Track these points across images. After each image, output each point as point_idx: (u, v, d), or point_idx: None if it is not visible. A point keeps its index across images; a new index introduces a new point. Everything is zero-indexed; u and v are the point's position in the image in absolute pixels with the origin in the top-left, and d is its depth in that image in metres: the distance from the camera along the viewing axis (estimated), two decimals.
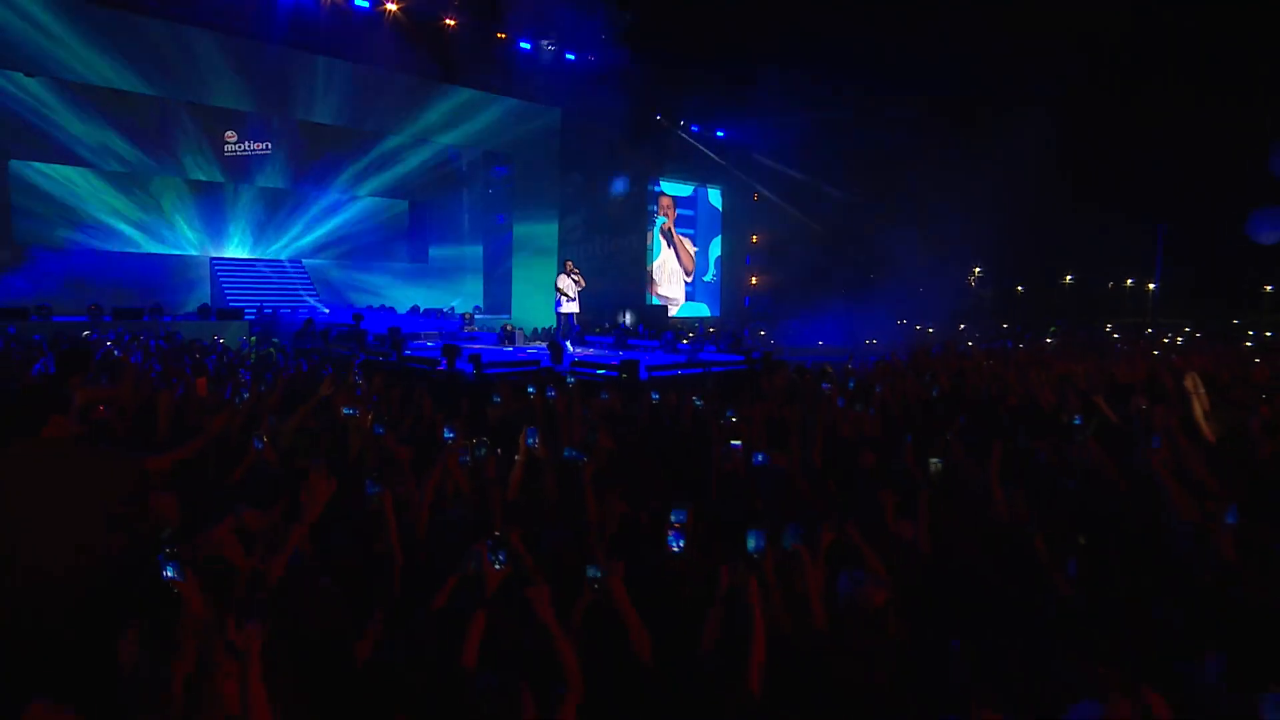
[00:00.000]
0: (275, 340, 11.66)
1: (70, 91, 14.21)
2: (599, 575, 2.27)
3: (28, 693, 1.59)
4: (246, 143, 16.77)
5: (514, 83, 18.03)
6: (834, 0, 19.57)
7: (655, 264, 21.97)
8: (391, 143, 18.09)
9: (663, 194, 22.05)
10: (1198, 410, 5.39)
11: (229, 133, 16.55)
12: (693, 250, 22.79)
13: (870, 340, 14.88)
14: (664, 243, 22.16)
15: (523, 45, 17.98)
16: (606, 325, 15.80)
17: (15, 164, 14.38)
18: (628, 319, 15.09)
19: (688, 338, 14.61)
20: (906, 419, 5.64)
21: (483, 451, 3.59)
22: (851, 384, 6.50)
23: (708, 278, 23.45)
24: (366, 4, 15.16)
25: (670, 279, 22.53)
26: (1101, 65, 21.66)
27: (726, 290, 23.80)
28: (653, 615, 2.36)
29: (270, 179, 17.54)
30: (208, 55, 14.39)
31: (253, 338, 12.99)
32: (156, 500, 2.74)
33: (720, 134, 22.82)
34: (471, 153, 19.65)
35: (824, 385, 6.29)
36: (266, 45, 14.82)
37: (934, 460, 3.45)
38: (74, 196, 15.37)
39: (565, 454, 3.57)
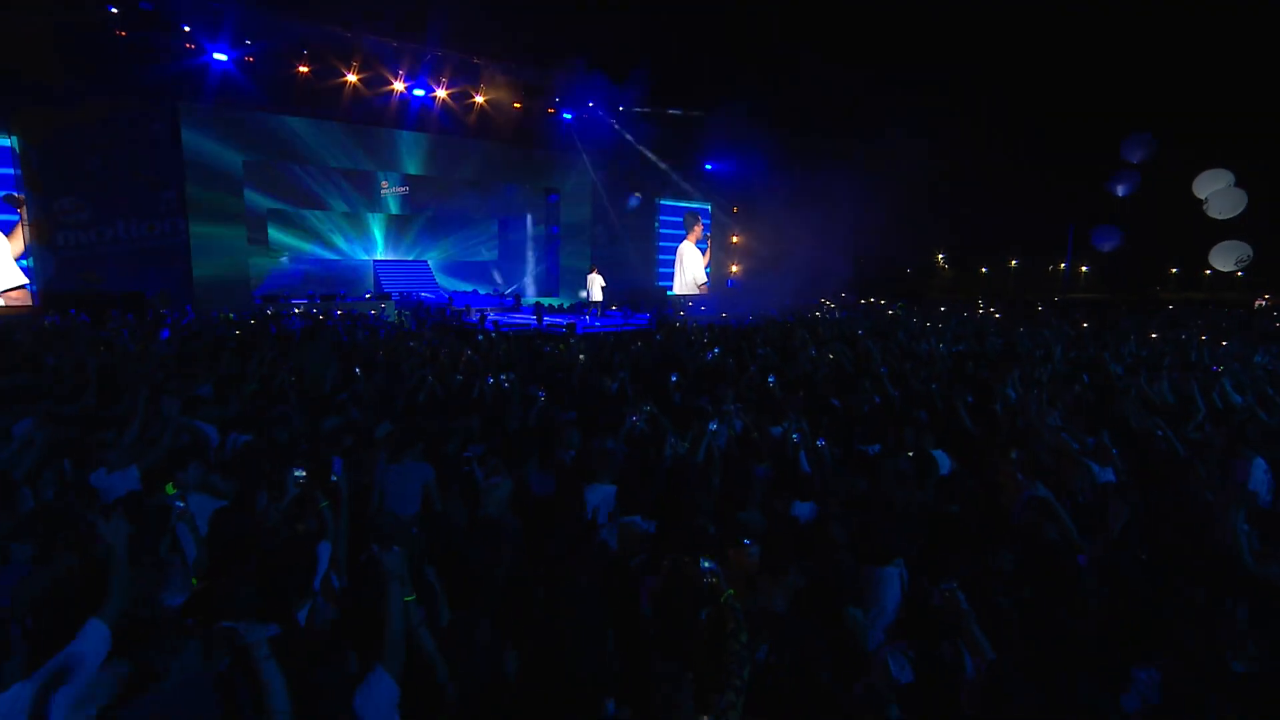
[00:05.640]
0: (406, 311, 16.35)
1: (293, 170, 18.96)
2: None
3: None
4: (393, 187, 20.81)
5: (561, 139, 21.86)
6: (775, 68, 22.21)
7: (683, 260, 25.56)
8: (484, 183, 21.88)
9: (698, 217, 25.69)
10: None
11: (384, 181, 20.64)
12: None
13: (765, 310, 16.89)
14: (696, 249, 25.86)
15: (565, 115, 21.94)
16: (615, 304, 19.52)
17: (271, 219, 18.89)
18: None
19: (655, 309, 17.64)
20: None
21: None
22: (658, 336, 10.37)
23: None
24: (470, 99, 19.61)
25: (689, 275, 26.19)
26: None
27: (715, 276, 27.19)
28: None
29: (407, 209, 21.22)
30: (372, 140, 19.24)
31: (396, 309, 17.67)
32: None
33: (709, 166, 26.07)
34: (534, 187, 23.03)
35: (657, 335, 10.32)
36: (401, 130, 19.55)
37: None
38: (300, 229, 19.77)
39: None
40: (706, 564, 2.18)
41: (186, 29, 15.37)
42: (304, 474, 2.94)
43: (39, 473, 3.49)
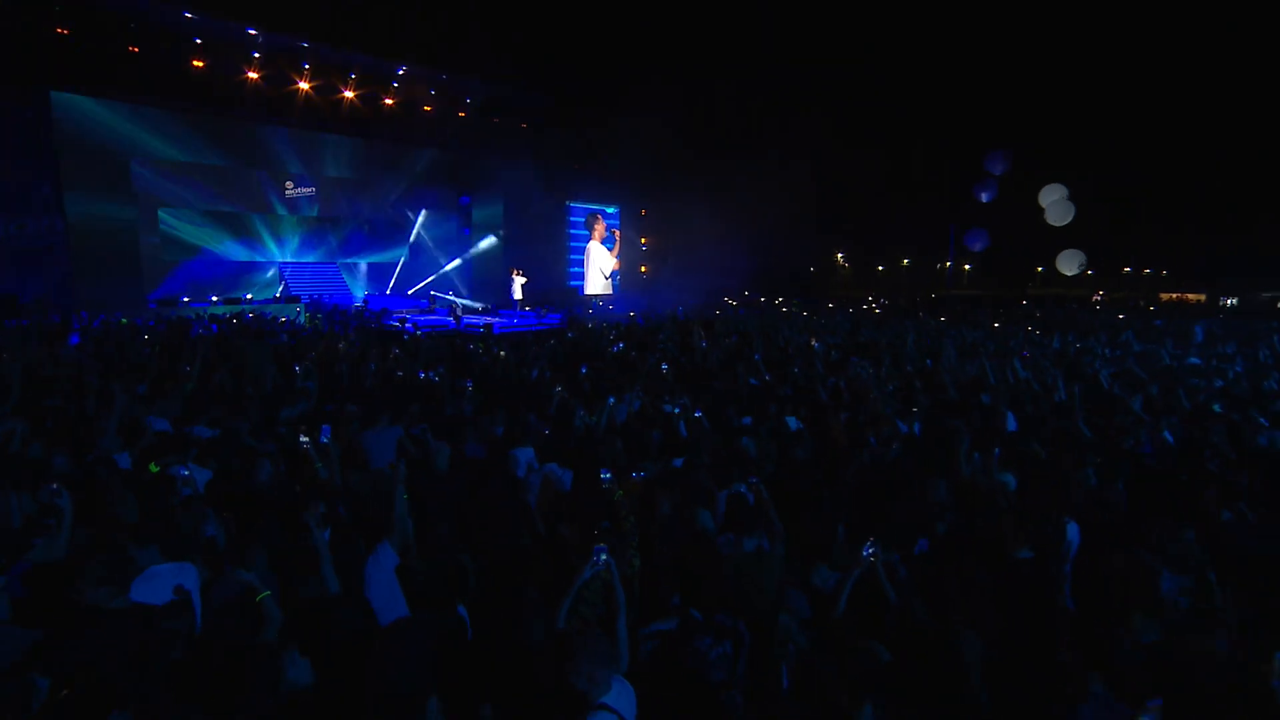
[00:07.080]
0: (319, 314, 16.61)
1: (192, 168, 18.46)
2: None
3: None
4: (299, 189, 20.64)
5: (472, 142, 22.50)
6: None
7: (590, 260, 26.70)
8: (393, 185, 22.29)
9: (599, 216, 26.84)
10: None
11: (288, 182, 20.41)
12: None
13: (676, 308, 18.68)
14: (602, 247, 27.01)
15: (477, 118, 22.54)
16: (530, 304, 20.43)
17: (161, 211, 18.20)
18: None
19: (566, 309, 19.02)
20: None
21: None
22: (571, 334, 11.58)
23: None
24: (380, 101, 19.88)
25: (596, 272, 27.27)
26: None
27: (625, 276, 28.57)
28: None
29: (316, 210, 21.10)
30: (279, 139, 19.13)
31: (306, 312, 17.71)
32: None
33: (617, 170, 27.28)
34: (446, 189, 23.62)
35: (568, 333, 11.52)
36: (309, 132, 19.55)
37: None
38: (200, 229, 19.02)
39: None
40: (605, 475, 3.44)
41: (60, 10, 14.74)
42: (308, 440, 3.93)
43: (48, 458, 4.24)
